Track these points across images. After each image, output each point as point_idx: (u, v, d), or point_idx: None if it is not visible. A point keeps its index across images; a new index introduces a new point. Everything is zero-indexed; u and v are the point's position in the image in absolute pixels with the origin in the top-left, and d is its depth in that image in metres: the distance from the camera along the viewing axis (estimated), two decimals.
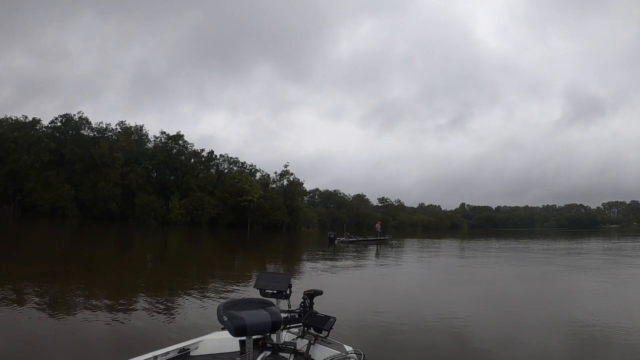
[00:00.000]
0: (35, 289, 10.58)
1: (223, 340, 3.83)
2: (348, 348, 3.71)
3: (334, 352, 3.59)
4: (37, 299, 9.44)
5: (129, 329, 7.53)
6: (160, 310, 9.02)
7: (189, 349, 3.83)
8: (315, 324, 3.66)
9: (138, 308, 9.18)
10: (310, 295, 3.98)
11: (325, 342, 3.71)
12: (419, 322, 8.63)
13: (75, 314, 8.42)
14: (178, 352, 3.73)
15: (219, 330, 3.95)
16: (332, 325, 3.61)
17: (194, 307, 9.41)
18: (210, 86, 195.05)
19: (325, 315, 3.70)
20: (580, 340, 7.61)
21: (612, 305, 10.76)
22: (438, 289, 13.23)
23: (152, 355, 3.53)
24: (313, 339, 3.68)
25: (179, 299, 10.35)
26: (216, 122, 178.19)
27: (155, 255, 23.41)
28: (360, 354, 3.63)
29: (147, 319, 8.29)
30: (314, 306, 3.92)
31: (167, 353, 3.66)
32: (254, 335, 3.16)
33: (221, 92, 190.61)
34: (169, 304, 9.68)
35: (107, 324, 7.75)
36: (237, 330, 3.04)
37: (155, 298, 10.31)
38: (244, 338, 3.25)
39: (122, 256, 21.63)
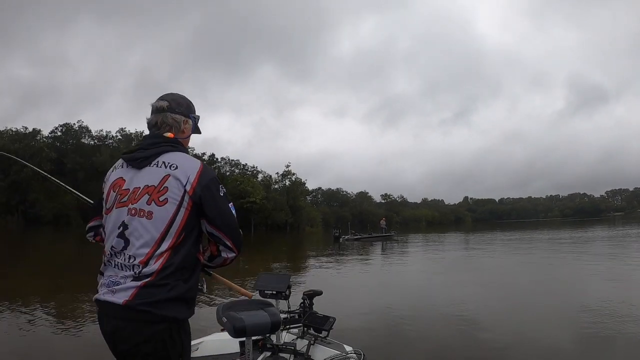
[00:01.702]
0: (43, 297, 10.56)
1: (223, 342, 3.80)
2: (348, 348, 3.70)
3: (334, 352, 3.59)
4: (44, 308, 9.40)
5: None
6: None
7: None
8: (315, 324, 3.65)
9: None
10: (310, 295, 3.97)
11: (325, 342, 3.70)
12: (426, 319, 8.57)
13: (86, 319, 8.38)
14: None
15: (219, 332, 3.92)
16: (331, 326, 3.59)
17: (199, 309, 9.39)
18: (213, 88, 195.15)
19: (325, 316, 3.69)
20: (591, 326, 7.59)
21: (622, 291, 10.72)
22: (445, 284, 13.14)
23: None
24: (313, 339, 3.67)
25: None
26: (220, 124, 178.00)
27: None
28: (360, 354, 3.63)
29: None
30: (313, 306, 3.91)
31: None
32: (254, 336, 3.11)
33: (224, 94, 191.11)
34: None
35: None
36: (236, 331, 2.95)
37: None
38: (243, 339, 3.18)
39: None
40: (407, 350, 6.59)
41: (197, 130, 2.22)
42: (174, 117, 2.04)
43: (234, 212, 2.03)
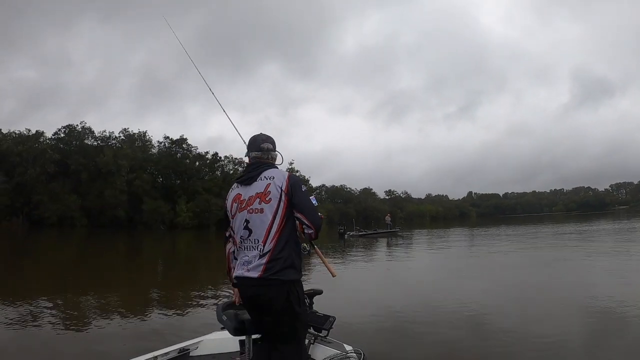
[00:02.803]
0: (48, 295, 10.49)
1: (223, 340, 3.83)
2: (348, 347, 3.70)
3: (334, 351, 3.59)
4: (50, 305, 9.37)
5: (144, 331, 7.47)
6: (172, 312, 8.99)
7: (189, 349, 3.85)
8: (315, 323, 3.62)
9: (151, 310, 9.16)
10: (310, 294, 3.90)
11: (325, 341, 3.70)
12: (429, 316, 8.45)
13: (90, 317, 8.46)
14: (178, 353, 3.75)
15: (219, 330, 3.95)
16: (331, 325, 3.57)
17: (202, 308, 9.35)
18: (218, 87, 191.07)
19: (325, 315, 3.66)
20: (599, 319, 7.53)
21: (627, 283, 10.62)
22: (450, 280, 13.06)
23: (152, 356, 3.57)
24: (313, 338, 3.66)
25: (190, 300, 10.34)
26: (225, 123, 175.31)
27: (165, 259, 23.39)
28: (360, 353, 3.63)
29: (160, 321, 8.24)
30: (313, 306, 3.86)
31: (167, 353, 3.68)
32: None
33: (229, 92, 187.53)
34: (180, 306, 9.64)
35: (121, 326, 7.73)
36: (236, 330, 3.06)
37: (167, 300, 10.31)
38: (243, 338, 3.25)
39: (133, 262, 21.66)
40: (408, 349, 6.48)
41: (281, 161, 3.21)
42: (274, 154, 3.13)
43: (314, 202, 2.96)
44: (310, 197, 2.92)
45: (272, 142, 3.14)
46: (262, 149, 3.07)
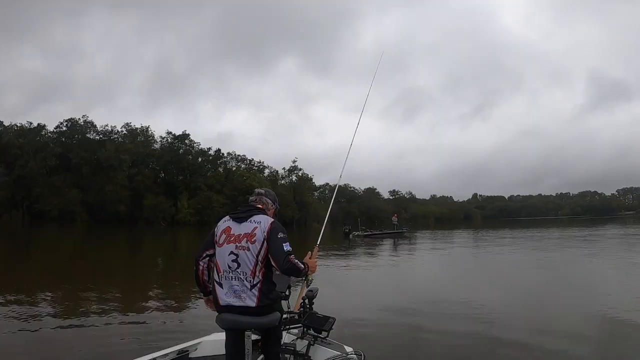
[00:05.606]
0: (49, 292, 10.42)
1: (222, 342, 3.66)
2: (348, 349, 3.71)
3: (334, 352, 3.61)
4: (49, 302, 9.32)
5: (143, 332, 7.19)
6: (172, 313, 8.81)
7: (188, 350, 3.86)
8: (315, 324, 3.62)
9: (150, 311, 8.87)
10: (310, 296, 3.96)
11: (325, 342, 3.68)
12: (431, 318, 8.16)
13: (90, 316, 8.27)
14: (177, 354, 3.77)
15: (218, 332, 3.84)
16: (331, 326, 3.58)
17: (201, 308, 8.85)
18: (232, 82, 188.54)
19: (325, 316, 3.66)
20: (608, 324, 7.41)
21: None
22: (454, 282, 12.75)
23: (151, 357, 3.57)
24: (313, 339, 3.63)
25: (189, 300, 10.03)
26: (238, 119, 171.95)
27: (165, 256, 23.04)
28: (361, 355, 3.64)
29: (159, 322, 7.98)
30: (313, 306, 3.88)
31: (166, 355, 3.68)
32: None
33: (244, 88, 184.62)
34: (179, 306, 9.48)
35: (120, 327, 7.55)
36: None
37: (167, 301, 10.10)
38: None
39: (133, 258, 21.52)
40: (409, 351, 6.31)
41: (278, 210, 3.68)
42: (265, 200, 3.53)
43: (286, 247, 3.16)
44: (285, 243, 3.18)
45: (272, 193, 3.70)
46: (258, 193, 3.56)
